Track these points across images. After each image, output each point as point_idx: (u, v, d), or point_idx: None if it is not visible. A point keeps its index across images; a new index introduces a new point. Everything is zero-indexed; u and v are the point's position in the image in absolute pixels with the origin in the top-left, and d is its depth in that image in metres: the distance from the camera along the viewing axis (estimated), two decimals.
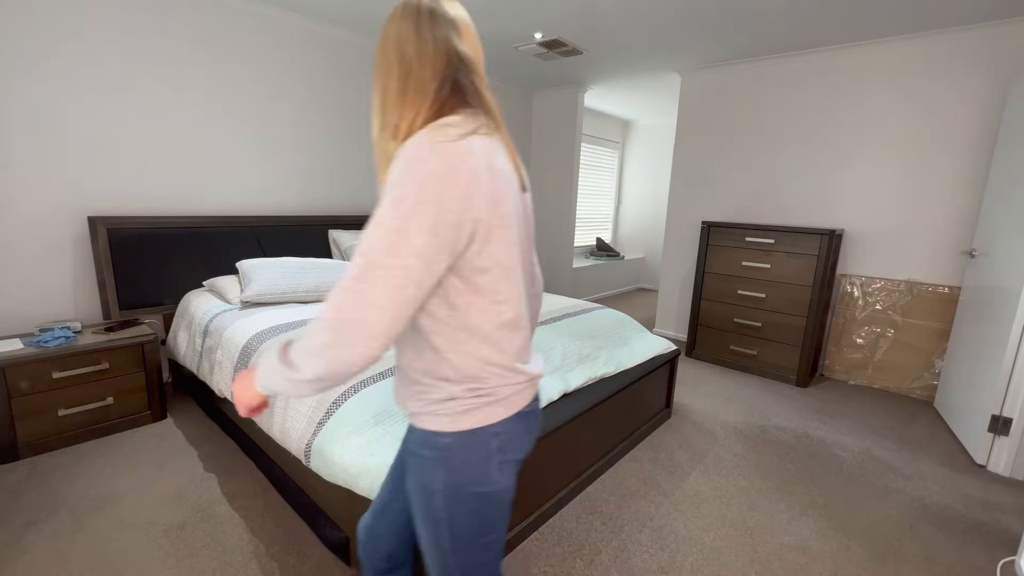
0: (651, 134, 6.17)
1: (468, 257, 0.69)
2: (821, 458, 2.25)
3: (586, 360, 2.10)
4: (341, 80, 3.27)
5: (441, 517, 0.78)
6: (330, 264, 2.59)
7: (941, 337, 2.91)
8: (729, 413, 2.69)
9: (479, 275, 0.71)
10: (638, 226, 6.49)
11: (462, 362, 0.73)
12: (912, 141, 2.96)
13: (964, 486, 2.07)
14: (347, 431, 1.38)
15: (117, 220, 2.41)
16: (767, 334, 3.27)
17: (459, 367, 0.73)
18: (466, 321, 0.72)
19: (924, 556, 1.63)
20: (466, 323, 0.72)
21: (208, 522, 1.65)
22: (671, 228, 4.10)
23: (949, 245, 2.90)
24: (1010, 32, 2.61)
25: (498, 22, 2.97)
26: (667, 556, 1.58)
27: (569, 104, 4.56)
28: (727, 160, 3.70)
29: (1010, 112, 2.45)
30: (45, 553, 1.49)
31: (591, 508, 1.80)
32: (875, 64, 3.02)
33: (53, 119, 2.24)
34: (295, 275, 2.40)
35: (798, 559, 1.60)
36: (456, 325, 0.72)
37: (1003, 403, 2.12)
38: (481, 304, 0.72)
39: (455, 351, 0.73)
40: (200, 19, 2.60)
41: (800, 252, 3.08)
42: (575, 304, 2.60)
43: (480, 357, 0.74)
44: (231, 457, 2.05)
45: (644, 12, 2.72)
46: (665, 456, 2.19)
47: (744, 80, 3.55)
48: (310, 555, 1.53)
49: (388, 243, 0.64)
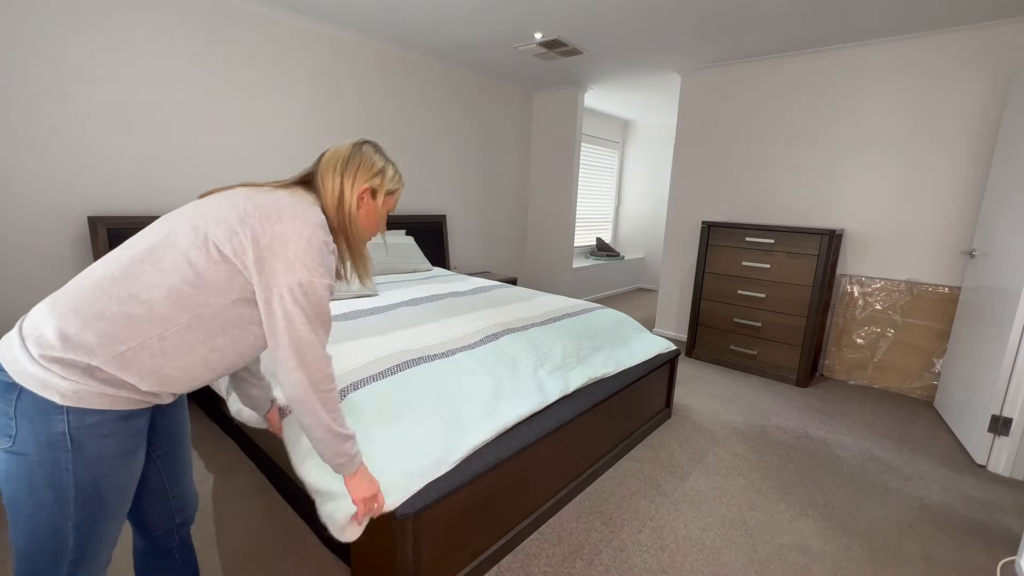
0: (651, 134, 6.17)
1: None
2: (821, 458, 2.25)
3: (586, 360, 2.10)
4: (345, 81, 3.27)
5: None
6: None
7: (941, 337, 2.91)
8: (729, 413, 2.69)
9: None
10: (638, 226, 6.49)
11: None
12: (912, 141, 2.96)
13: (964, 486, 2.07)
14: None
15: (117, 220, 2.41)
16: (767, 334, 3.27)
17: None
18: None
19: (924, 556, 1.63)
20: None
21: (208, 522, 1.65)
22: (671, 228, 4.10)
23: (949, 245, 2.90)
24: (1010, 32, 2.61)
25: (498, 22, 2.97)
26: (667, 556, 1.58)
27: (569, 104, 4.56)
28: (727, 160, 3.70)
29: (1010, 112, 2.45)
30: None
31: (591, 508, 1.80)
32: (875, 64, 3.02)
33: (53, 118, 2.23)
34: None
35: (798, 559, 1.60)
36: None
37: (1003, 403, 2.12)
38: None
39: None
40: (201, 18, 2.60)
41: (800, 252, 3.08)
42: (575, 304, 2.60)
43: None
44: (231, 457, 2.05)
45: (644, 12, 2.72)
46: (665, 456, 2.19)
47: (744, 80, 3.55)
48: (310, 555, 1.53)
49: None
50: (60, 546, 0.81)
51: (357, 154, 1.03)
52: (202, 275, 0.84)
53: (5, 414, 0.78)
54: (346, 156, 1.02)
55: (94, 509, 0.82)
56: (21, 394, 0.77)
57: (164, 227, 0.89)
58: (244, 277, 0.87)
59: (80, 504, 0.81)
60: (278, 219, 0.87)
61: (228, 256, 0.85)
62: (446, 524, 1.32)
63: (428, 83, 3.83)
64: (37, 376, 0.77)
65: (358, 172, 1.01)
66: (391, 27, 3.13)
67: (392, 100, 3.60)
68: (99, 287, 0.82)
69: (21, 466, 0.78)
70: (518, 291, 2.87)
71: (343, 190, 0.99)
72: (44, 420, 0.77)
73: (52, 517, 0.79)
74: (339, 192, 0.99)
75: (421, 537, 1.24)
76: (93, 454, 0.81)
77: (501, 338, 1.98)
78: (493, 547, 1.51)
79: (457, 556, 1.39)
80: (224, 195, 0.92)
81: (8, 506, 0.80)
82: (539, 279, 5.01)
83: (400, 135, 3.70)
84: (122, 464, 0.85)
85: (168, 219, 0.90)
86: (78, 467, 0.79)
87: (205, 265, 0.85)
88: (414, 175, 3.87)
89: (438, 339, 1.90)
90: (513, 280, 4.22)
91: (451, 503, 1.31)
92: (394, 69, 3.57)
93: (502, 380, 1.74)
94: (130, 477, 0.88)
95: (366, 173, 1.02)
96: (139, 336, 0.82)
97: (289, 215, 0.88)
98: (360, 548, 1.36)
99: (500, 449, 1.47)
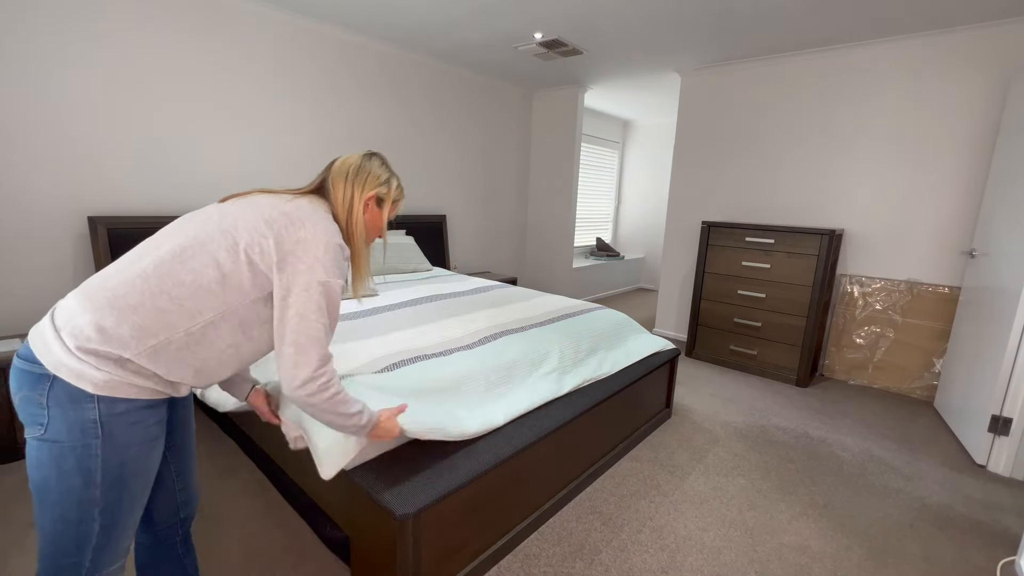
0: (651, 134, 6.17)
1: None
2: (821, 458, 2.25)
3: (586, 360, 2.10)
4: (346, 82, 3.27)
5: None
6: None
7: (941, 337, 2.91)
8: (729, 413, 2.69)
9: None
10: (638, 226, 6.49)
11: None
12: (912, 141, 2.96)
13: (964, 486, 2.07)
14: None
15: (117, 220, 2.41)
16: (767, 334, 3.27)
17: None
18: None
19: (924, 556, 1.63)
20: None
21: (208, 522, 1.65)
22: (671, 228, 4.10)
23: (949, 245, 2.90)
24: (1010, 32, 2.61)
25: (498, 22, 2.97)
26: (667, 556, 1.58)
27: (569, 104, 4.56)
28: (727, 160, 3.70)
29: (1010, 112, 2.45)
30: None
31: (591, 508, 1.80)
32: (875, 64, 3.02)
33: (53, 118, 2.23)
34: None
35: (798, 559, 1.60)
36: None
37: (1003, 403, 2.12)
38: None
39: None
40: (201, 18, 2.60)
41: (800, 252, 3.08)
42: (575, 304, 2.60)
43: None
44: (231, 457, 2.05)
45: (644, 12, 2.72)
46: (665, 456, 2.19)
47: (744, 80, 3.55)
48: (310, 555, 1.53)
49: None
50: (86, 531, 0.85)
51: (367, 165, 1.11)
52: (228, 276, 0.91)
53: (37, 404, 0.82)
54: (356, 166, 1.10)
55: (120, 494, 0.87)
56: (54, 384, 0.82)
57: (190, 229, 0.94)
58: (267, 278, 0.94)
59: (107, 489, 0.85)
60: (302, 225, 0.95)
61: (255, 260, 0.92)
62: (446, 524, 1.32)
63: (428, 83, 3.83)
64: (72, 367, 0.81)
65: (367, 181, 1.10)
66: (391, 27, 3.13)
67: (392, 100, 3.60)
68: (132, 284, 0.87)
69: (52, 452, 0.82)
70: (518, 291, 2.87)
71: (352, 198, 1.07)
72: (76, 408, 0.82)
73: (80, 503, 0.84)
74: (349, 200, 1.07)
75: (421, 537, 1.23)
76: (121, 440, 0.86)
77: (500, 338, 1.98)
78: (493, 547, 1.51)
79: (457, 556, 1.39)
80: (248, 201, 1.00)
81: (37, 492, 0.84)
82: (539, 279, 5.01)
83: (400, 135, 3.70)
84: (146, 451, 0.90)
85: (192, 221, 0.96)
86: (107, 453, 0.84)
87: (232, 267, 0.91)
88: (414, 175, 3.87)
89: (437, 339, 1.90)
90: (513, 280, 4.22)
91: (451, 503, 1.31)
92: (395, 69, 3.57)
93: (500, 381, 1.74)
94: (152, 464, 0.93)
95: (374, 183, 1.11)
96: (168, 331, 0.87)
97: (311, 222, 0.97)
98: (360, 548, 1.36)
99: (500, 449, 1.47)
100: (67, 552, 0.85)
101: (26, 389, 0.83)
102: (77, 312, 0.84)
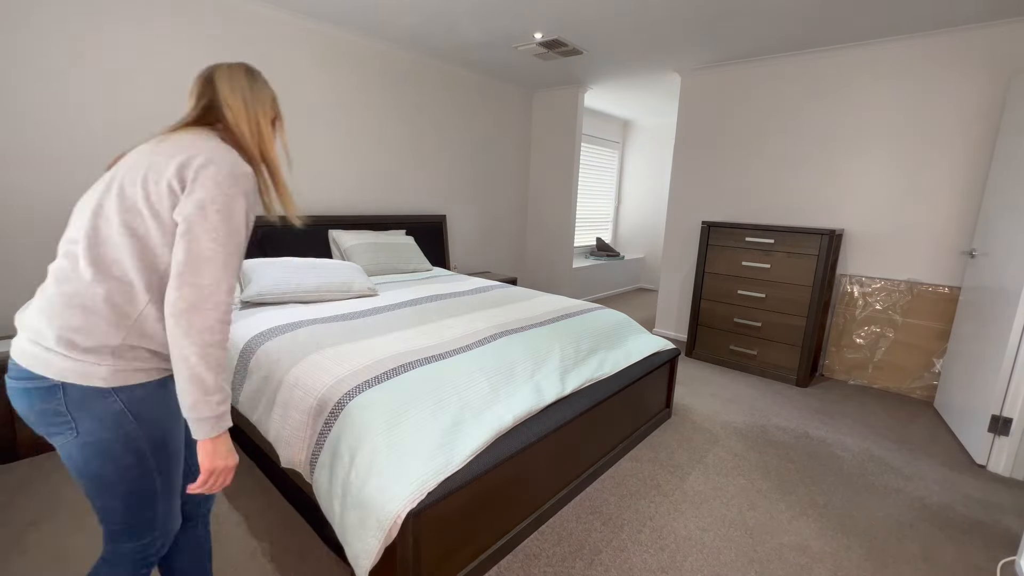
0: (651, 134, 6.17)
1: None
2: (821, 458, 2.25)
3: (585, 361, 2.10)
4: (346, 81, 3.27)
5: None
6: (331, 264, 2.59)
7: (941, 337, 2.91)
8: (729, 413, 2.69)
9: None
10: (638, 226, 6.49)
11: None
12: (912, 141, 2.96)
13: (964, 486, 2.07)
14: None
15: None
16: (767, 334, 3.27)
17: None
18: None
19: (924, 556, 1.63)
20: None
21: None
22: (671, 228, 4.10)
23: (949, 245, 2.90)
24: (1010, 32, 2.61)
25: (498, 22, 2.97)
26: (667, 556, 1.58)
27: (569, 104, 4.56)
28: (727, 160, 3.70)
29: (1010, 112, 2.45)
30: (45, 553, 1.49)
31: (591, 508, 1.81)
32: (875, 64, 3.02)
33: (55, 117, 2.24)
34: (296, 275, 2.40)
35: (798, 559, 1.60)
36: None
37: (1003, 403, 2.12)
38: None
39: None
40: (201, 18, 2.60)
41: (800, 252, 3.08)
42: (574, 304, 2.60)
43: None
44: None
45: (644, 12, 2.72)
46: (665, 456, 2.19)
47: (744, 80, 3.55)
48: (310, 555, 1.53)
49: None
50: (151, 490, 0.93)
51: (258, 85, 1.05)
52: (144, 237, 0.87)
53: (57, 413, 0.84)
54: (249, 87, 1.03)
55: (169, 455, 0.96)
56: (66, 390, 0.83)
57: (87, 210, 0.89)
58: (173, 220, 0.87)
59: (157, 455, 0.92)
60: (191, 157, 0.88)
61: (157, 209, 0.86)
62: (446, 524, 1.32)
63: (428, 83, 3.83)
64: (76, 369, 0.83)
65: (269, 104, 1.06)
66: (391, 27, 3.13)
67: (392, 99, 3.60)
68: (79, 282, 0.85)
69: (97, 449, 0.86)
70: (518, 291, 2.87)
71: (259, 122, 1.02)
72: (100, 404, 0.85)
73: (141, 473, 0.91)
74: (256, 124, 1.01)
75: (421, 537, 1.23)
76: (152, 417, 0.91)
77: (500, 339, 1.98)
78: (493, 547, 1.51)
79: (457, 556, 1.39)
80: (128, 159, 0.93)
81: (96, 484, 0.89)
82: (539, 279, 5.01)
83: (400, 134, 3.70)
84: (174, 422, 0.96)
85: (88, 203, 0.90)
86: (145, 431, 0.89)
87: (143, 227, 0.86)
88: (414, 175, 3.87)
89: (437, 340, 1.90)
90: (513, 280, 4.22)
91: (451, 503, 1.31)
92: (395, 69, 3.57)
93: (500, 383, 1.73)
94: (182, 433, 1.00)
95: (272, 104, 1.07)
96: (133, 304, 0.87)
97: (204, 152, 0.89)
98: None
99: (500, 449, 1.47)
100: (144, 511, 0.94)
101: (40, 403, 0.84)
102: (44, 324, 0.83)
